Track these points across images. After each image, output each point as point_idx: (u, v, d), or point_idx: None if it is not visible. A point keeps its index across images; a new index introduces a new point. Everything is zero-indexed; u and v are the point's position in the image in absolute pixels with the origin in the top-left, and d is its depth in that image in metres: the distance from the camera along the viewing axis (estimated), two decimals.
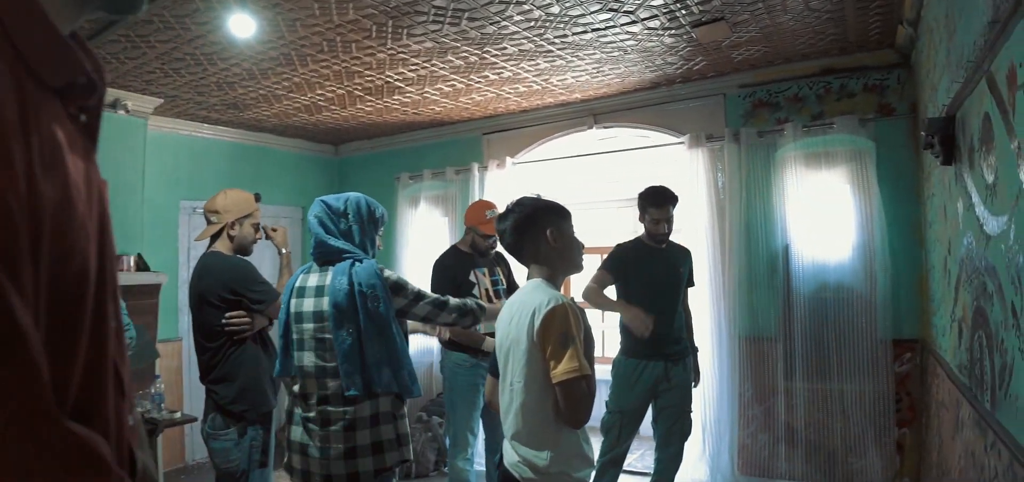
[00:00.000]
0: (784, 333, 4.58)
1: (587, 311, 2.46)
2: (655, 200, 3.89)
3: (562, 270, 2.26)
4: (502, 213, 2.31)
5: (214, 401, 3.12)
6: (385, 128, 6.30)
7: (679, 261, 3.99)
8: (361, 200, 2.62)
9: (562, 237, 2.23)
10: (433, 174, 6.27)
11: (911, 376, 4.32)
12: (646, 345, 3.81)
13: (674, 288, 3.93)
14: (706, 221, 4.77)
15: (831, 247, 4.48)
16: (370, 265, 2.45)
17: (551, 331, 2.00)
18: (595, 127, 5.40)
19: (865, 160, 4.38)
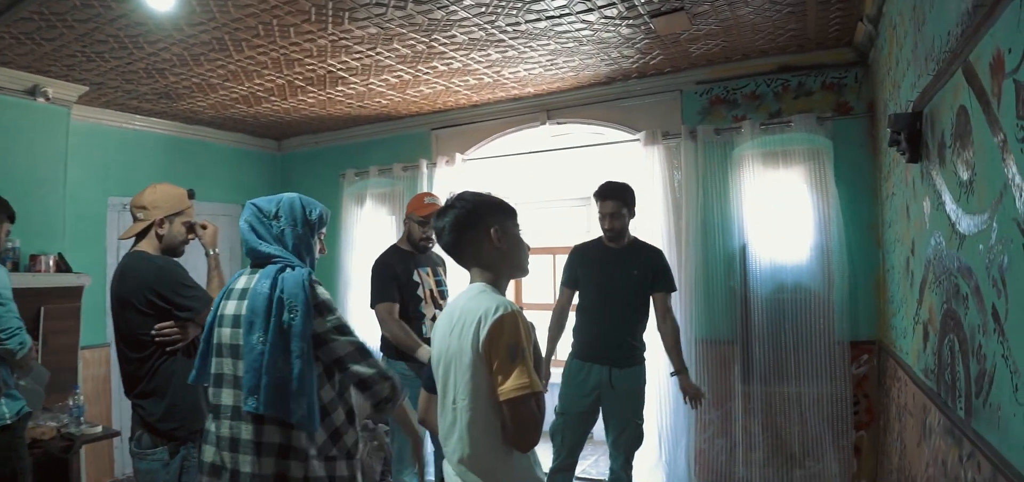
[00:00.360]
0: (741, 336, 4.47)
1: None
2: (599, 194, 3.73)
3: (507, 273, 2.05)
4: (440, 208, 2.07)
5: (141, 417, 2.80)
6: (330, 122, 6.02)
7: (635, 262, 3.76)
8: (295, 201, 2.38)
9: (507, 237, 2.01)
10: (380, 171, 6.01)
11: (868, 378, 4.25)
12: (591, 347, 3.72)
13: (623, 290, 3.71)
14: (662, 220, 4.64)
15: (788, 248, 4.39)
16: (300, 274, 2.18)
17: (499, 342, 1.79)
18: (548, 123, 5.23)
19: (823, 159, 4.30)
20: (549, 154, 5.69)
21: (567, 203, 6.46)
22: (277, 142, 6.98)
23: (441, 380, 1.98)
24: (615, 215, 3.68)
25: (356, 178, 6.20)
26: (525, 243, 2.09)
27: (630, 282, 3.71)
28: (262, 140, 6.84)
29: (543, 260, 6.59)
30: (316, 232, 2.40)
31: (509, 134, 5.45)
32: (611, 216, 3.69)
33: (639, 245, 3.83)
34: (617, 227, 3.70)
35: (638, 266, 3.73)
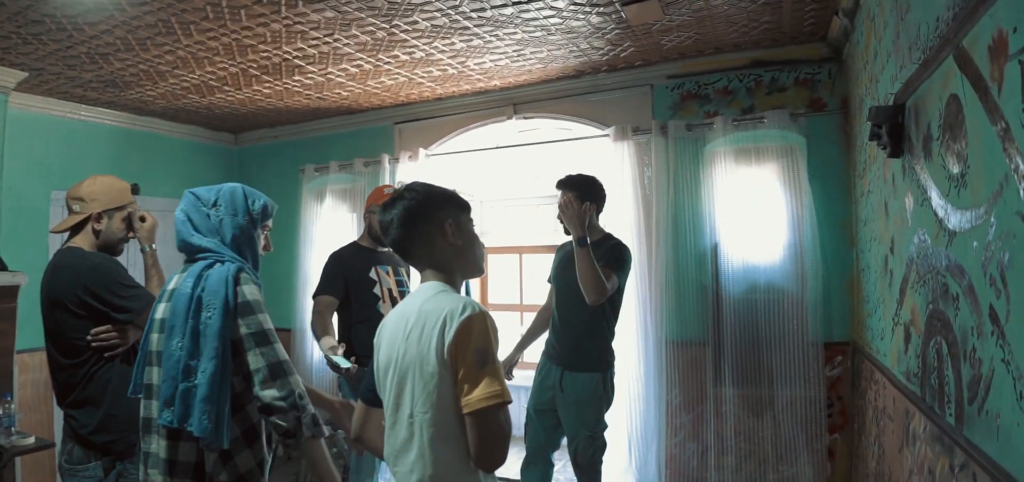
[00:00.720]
0: (713, 337, 4.35)
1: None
2: (559, 186, 3.57)
3: (461, 272, 1.88)
4: (387, 201, 1.87)
5: (72, 428, 2.55)
6: (288, 115, 5.78)
7: (597, 259, 3.59)
8: (237, 190, 2.18)
9: (462, 232, 1.85)
10: (340, 166, 5.79)
11: (842, 380, 4.16)
12: (551, 345, 3.67)
13: (576, 286, 3.47)
14: (632, 217, 4.50)
15: (761, 246, 4.28)
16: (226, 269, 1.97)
17: (467, 347, 1.61)
18: (515, 117, 5.06)
19: (796, 156, 4.20)
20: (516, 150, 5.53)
21: (534, 201, 6.31)
22: (234, 135, 6.72)
23: (392, 391, 1.79)
24: (566, 205, 3.50)
25: (316, 174, 5.97)
26: (480, 241, 1.93)
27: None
28: (218, 133, 6.57)
29: (509, 260, 6.42)
30: (259, 225, 2.20)
31: (474, 129, 5.27)
32: (561, 206, 3.51)
33: (603, 241, 3.65)
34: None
35: (599, 261, 3.57)
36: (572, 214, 3.36)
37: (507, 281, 6.45)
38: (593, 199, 3.52)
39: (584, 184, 3.55)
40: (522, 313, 6.29)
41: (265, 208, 2.21)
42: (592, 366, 3.53)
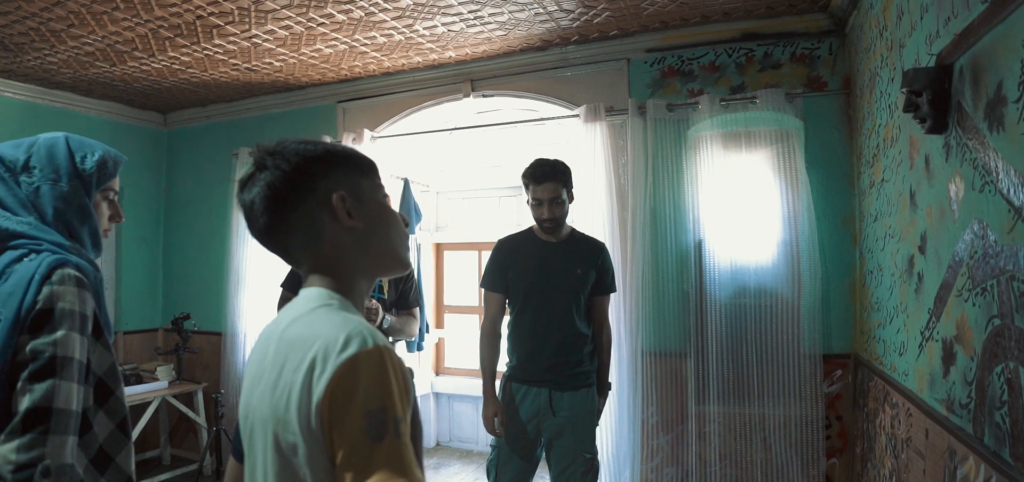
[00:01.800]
0: (696, 347, 3.81)
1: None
2: (532, 175, 3.03)
3: (366, 270, 1.20)
4: (244, 176, 1.22)
5: None
6: (219, 90, 5.11)
7: (578, 259, 3.10)
8: (58, 144, 1.56)
9: (364, 208, 1.19)
10: None
11: (842, 397, 3.65)
12: (528, 366, 3.07)
13: (565, 292, 3.05)
14: (605, 210, 3.93)
15: (751, 245, 3.75)
16: (36, 264, 1.36)
17: (350, 407, 0.94)
18: (473, 96, 4.46)
19: (792, 142, 3.68)
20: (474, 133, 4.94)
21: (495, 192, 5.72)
22: (162, 115, 6.02)
23: (247, 456, 1.17)
24: (554, 201, 3.01)
25: (251, 158, 5.29)
26: (398, 218, 1.27)
27: (573, 283, 3.05)
28: (144, 112, 5.87)
29: (468, 257, 5.83)
30: (95, 189, 1.59)
31: (428, 108, 4.65)
32: (550, 202, 3.01)
33: (579, 238, 3.19)
34: (557, 215, 3.03)
35: (581, 263, 3.07)
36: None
37: (466, 281, 5.86)
38: (572, 191, 3.14)
39: (568, 174, 3.07)
40: (480, 316, 5.70)
41: (103, 164, 1.59)
42: (587, 380, 3.09)
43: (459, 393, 5.65)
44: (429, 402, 5.73)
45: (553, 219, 3.02)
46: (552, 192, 2.99)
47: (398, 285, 3.64)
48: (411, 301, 3.72)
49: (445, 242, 5.87)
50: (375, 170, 1.27)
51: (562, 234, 3.12)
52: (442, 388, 5.72)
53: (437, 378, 5.78)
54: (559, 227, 3.07)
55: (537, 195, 3.01)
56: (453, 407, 5.75)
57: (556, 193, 3.00)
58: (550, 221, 3.03)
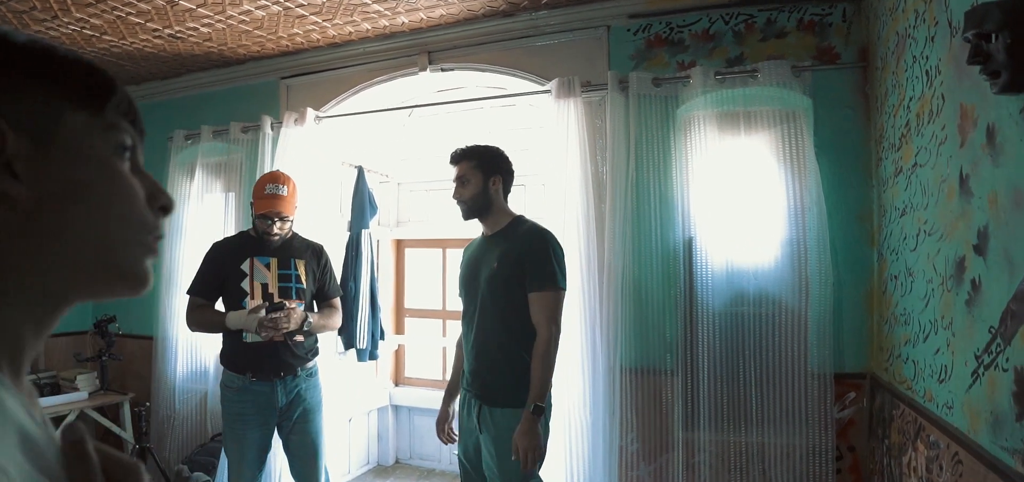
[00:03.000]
0: (685, 363, 3.25)
1: None
2: (450, 157, 2.79)
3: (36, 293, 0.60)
4: None
5: None
6: (150, 65, 4.50)
7: (499, 252, 2.66)
8: None
9: (53, 163, 0.60)
10: (214, 133, 4.54)
11: (855, 425, 3.10)
12: (466, 373, 2.77)
13: (482, 291, 2.67)
14: (579, 203, 3.36)
15: (751, 243, 3.20)
16: None
17: None
18: (430, 70, 3.87)
19: (798, 124, 3.13)
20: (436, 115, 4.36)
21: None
22: None
23: None
24: (462, 180, 2.73)
25: (186, 142, 4.71)
26: (135, 190, 0.67)
27: (490, 279, 2.65)
28: None
29: (430, 256, 5.25)
30: None
31: (379, 84, 4.06)
32: (458, 181, 2.74)
33: (516, 227, 2.71)
34: (463, 196, 2.72)
35: (500, 256, 2.62)
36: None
37: (428, 282, 5.27)
38: (499, 172, 2.74)
39: (486, 153, 2.74)
40: (445, 321, 5.12)
41: None
42: (514, 398, 2.58)
43: (421, 406, 5.07)
44: (387, 416, 5.15)
45: (460, 199, 2.72)
46: (460, 170, 2.72)
47: (314, 273, 3.21)
48: (330, 291, 3.30)
49: (406, 239, 5.29)
50: (107, 93, 0.68)
51: (499, 225, 2.73)
52: (402, 400, 5.14)
53: (396, 389, 5.20)
54: (471, 209, 2.72)
55: (453, 177, 2.76)
56: (414, 421, 5.17)
57: (464, 171, 2.70)
58: (458, 202, 2.74)
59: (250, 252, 3.14)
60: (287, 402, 3.10)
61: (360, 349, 4.49)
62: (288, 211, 3.13)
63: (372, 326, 4.57)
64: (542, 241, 2.62)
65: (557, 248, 2.66)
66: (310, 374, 3.20)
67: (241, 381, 3.06)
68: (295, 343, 3.09)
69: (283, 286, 3.11)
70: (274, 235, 3.11)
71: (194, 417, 4.54)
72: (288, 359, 3.08)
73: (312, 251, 3.27)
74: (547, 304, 2.57)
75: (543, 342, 2.55)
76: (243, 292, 3.08)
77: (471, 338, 2.71)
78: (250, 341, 3.05)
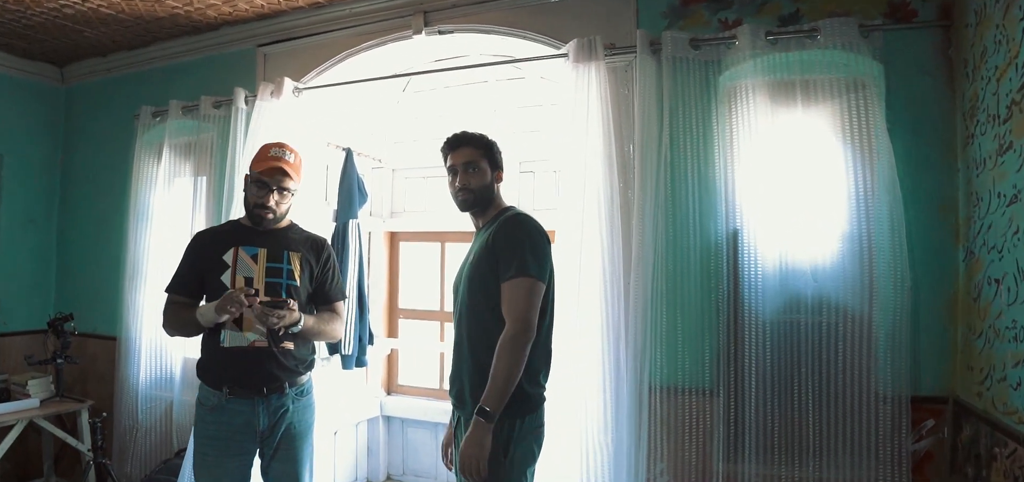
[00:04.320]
0: (727, 381, 2.71)
1: None
2: (450, 141, 2.44)
3: None
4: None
5: None
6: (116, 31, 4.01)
7: (477, 245, 2.37)
8: None
9: None
10: (183, 109, 4.02)
11: (934, 458, 2.57)
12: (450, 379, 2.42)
13: (463, 288, 2.35)
14: (600, 189, 2.82)
15: (809, 239, 2.67)
16: None
17: None
18: (426, 32, 3.33)
19: (867, 94, 2.60)
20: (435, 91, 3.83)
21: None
22: (58, 68, 4.89)
23: None
24: (470, 166, 2.38)
25: (154, 120, 4.19)
26: None
27: (469, 274, 2.34)
28: (33, 64, 4.75)
29: (428, 250, 4.71)
30: None
31: (368, 50, 3.51)
32: (465, 167, 2.38)
33: (498, 217, 2.37)
34: (472, 184, 2.37)
35: (478, 248, 2.34)
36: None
37: (425, 279, 4.74)
38: (501, 167, 2.46)
39: (493, 145, 2.44)
40: (443, 323, 4.59)
41: None
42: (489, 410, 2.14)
43: (414, 417, 4.53)
44: (378, 427, 4.62)
45: (467, 188, 2.36)
46: (468, 156, 2.37)
47: (312, 269, 2.68)
48: (332, 294, 2.76)
49: (401, 231, 4.76)
50: None
51: (487, 217, 2.40)
52: (394, 410, 4.61)
53: (388, 398, 4.66)
54: (477, 200, 2.38)
55: (452, 162, 2.41)
56: (407, 434, 4.64)
57: (473, 157, 2.37)
58: (463, 190, 2.37)
59: (235, 240, 2.62)
60: (269, 424, 2.56)
61: (345, 356, 3.96)
62: (292, 179, 2.61)
63: (359, 329, 4.04)
64: (516, 226, 2.26)
65: (535, 233, 2.27)
66: (301, 392, 2.65)
67: (217, 398, 2.54)
68: (284, 351, 2.56)
69: (271, 282, 2.58)
70: (268, 209, 2.58)
71: (159, 429, 4.03)
72: (274, 371, 2.54)
73: (311, 244, 2.74)
74: (516, 294, 2.16)
75: (509, 334, 2.13)
76: (223, 287, 2.54)
77: (454, 342, 2.38)
78: (228, 345, 2.52)
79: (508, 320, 2.14)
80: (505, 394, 2.09)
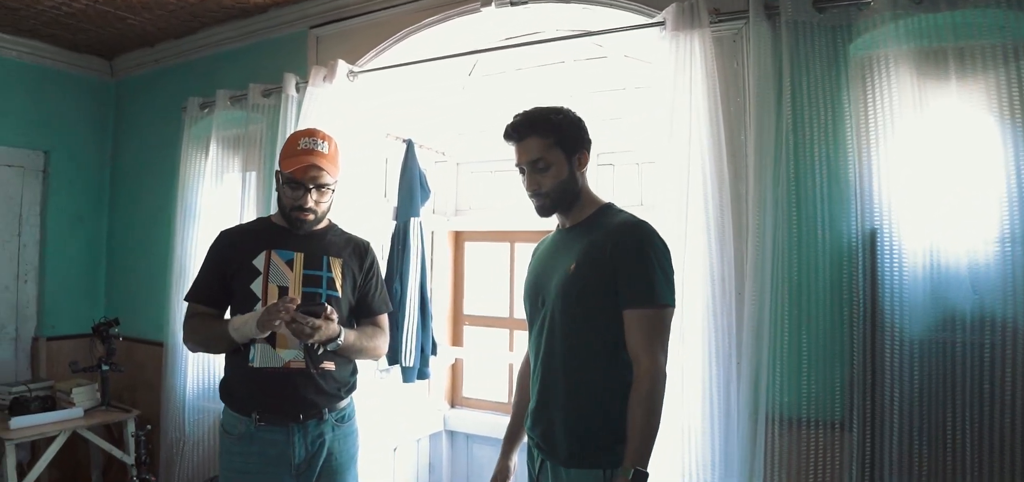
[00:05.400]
0: (863, 413, 2.24)
1: None
2: (508, 131, 2.01)
3: None
4: None
5: None
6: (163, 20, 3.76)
7: (575, 250, 1.92)
8: None
9: None
10: (231, 99, 3.73)
11: None
12: (530, 418, 2.01)
13: (553, 304, 1.92)
14: (707, 181, 2.39)
15: (965, 241, 2.19)
16: None
17: None
18: (496, 5, 2.93)
19: None
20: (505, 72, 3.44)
21: None
22: (107, 61, 4.71)
23: None
24: (536, 165, 1.95)
25: (201, 112, 3.92)
26: None
27: (563, 285, 1.91)
28: (82, 57, 4.59)
29: (496, 251, 4.33)
30: None
31: (430, 27, 3.14)
32: (531, 167, 1.96)
33: (604, 217, 1.98)
34: (543, 187, 1.96)
35: (580, 254, 1.91)
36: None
37: (493, 284, 4.35)
38: (584, 145, 2.01)
39: (565, 121, 1.98)
40: (512, 331, 4.19)
41: None
42: (594, 454, 1.84)
43: (480, 433, 4.15)
44: (441, 443, 4.27)
45: (538, 193, 1.97)
46: (534, 151, 1.94)
47: (355, 278, 2.34)
48: (376, 305, 2.46)
49: (466, 230, 4.39)
50: None
51: (582, 215, 2.00)
52: (458, 425, 4.24)
53: (452, 411, 4.30)
54: (555, 203, 1.97)
55: (518, 161, 2.01)
56: (472, 450, 4.28)
57: (537, 153, 1.94)
58: (535, 197, 1.99)
59: (268, 243, 2.28)
60: (306, 456, 2.22)
61: (406, 367, 3.61)
62: (329, 173, 2.26)
63: (421, 338, 3.69)
64: (641, 238, 1.86)
65: (662, 247, 1.88)
66: (342, 417, 2.32)
67: (245, 425, 2.22)
68: (322, 372, 2.22)
69: (309, 291, 2.24)
70: (308, 211, 2.25)
71: (207, 442, 3.75)
72: (311, 395, 2.21)
73: (354, 249, 2.40)
74: (649, 328, 1.80)
75: (646, 378, 1.77)
76: (253, 297, 2.22)
77: (536, 367, 1.98)
78: (258, 365, 2.20)
79: (643, 357, 1.77)
80: (651, 447, 1.75)
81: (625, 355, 1.83)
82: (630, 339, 1.81)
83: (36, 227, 4.47)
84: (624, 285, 1.81)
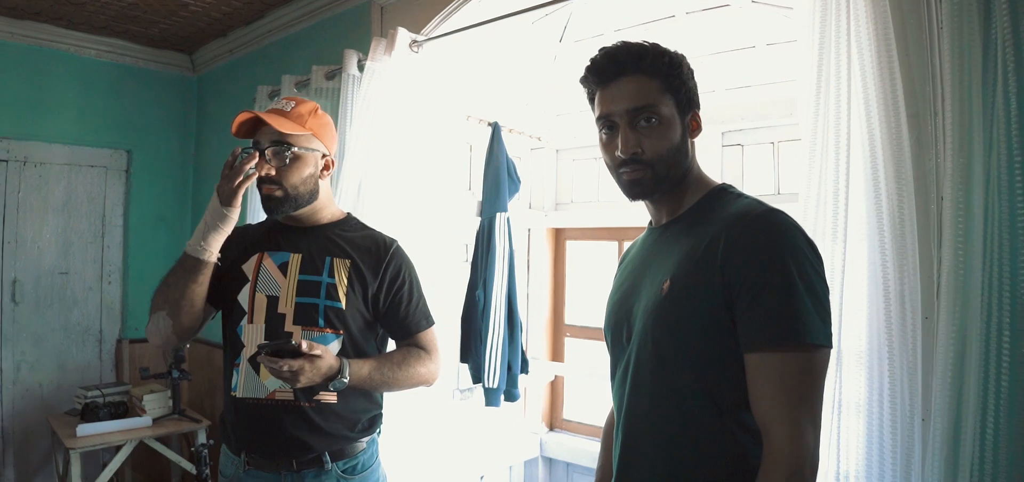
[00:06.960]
0: None
1: None
2: (597, 69, 1.32)
3: None
4: None
5: None
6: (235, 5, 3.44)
7: (673, 256, 1.28)
8: None
9: None
10: (297, 84, 3.35)
11: None
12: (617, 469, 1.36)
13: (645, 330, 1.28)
14: (876, 164, 1.69)
15: None
16: None
17: None
18: None
19: None
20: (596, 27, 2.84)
21: None
22: (189, 56, 4.52)
23: None
24: (639, 115, 1.27)
25: (270, 101, 3.59)
26: None
27: (654, 310, 1.27)
28: (164, 54, 4.44)
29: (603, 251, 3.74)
30: None
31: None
32: (630, 118, 1.28)
33: (715, 207, 1.30)
34: (650, 153, 1.28)
35: (678, 263, 1.26)
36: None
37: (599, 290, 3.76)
38: (697, 103, 1.35)
39: (677, 62, 1.31)
40: None
41: None
42: None
43: (582, 462, 3.57)
44: (537, 470, 3.74)
45: (639, 160, 1.29)
46: (634, 96, 1.28)
47: (367, 285, 1.80)
48: (412, 322, 1.87)
49: (567, 227, 3.81)
50: None
51: (683, 205, 1.36)
52: (557, 451, 3.68)
53: (550, 435, 3.75)
54: (657, 178, 1.30)
55: (606, 110, 1.31)
56: (573, 479, 3.73)
57: (644, 98, 1.27)
58: (632, 166, 1.29)
59: (263, 244, 1.83)
60: None
61: (489, 389, 3.09)
62: (279, 128, 1.69)
63: (508, 354, 3.15)
64: (774, 236, 1.17)
65: (809, 253, 1.19)
66: (354, 467, 1.77)
67: (234, 467, 1.77)
68: (318, 406, 1.72)
69: (304, 302, 1.73)
70: (272, 184, 1.71)
71: None
72: (304, 436, 1.70)
73: (371, 248, 1.84)
74: (791, 379, 1.12)
75: (782, 462, 1.10)
76: (240, 310, 1.77)
77: (620, 428, 1.37)
78: (241, 395, 1.72)
79: (775, 431, 1.11)
80: None
81: (748, 418, 1.18)
82: (756, 397, 1.15)
83: (119, 228, 4.36)
84: (746, 312, 1.15)
